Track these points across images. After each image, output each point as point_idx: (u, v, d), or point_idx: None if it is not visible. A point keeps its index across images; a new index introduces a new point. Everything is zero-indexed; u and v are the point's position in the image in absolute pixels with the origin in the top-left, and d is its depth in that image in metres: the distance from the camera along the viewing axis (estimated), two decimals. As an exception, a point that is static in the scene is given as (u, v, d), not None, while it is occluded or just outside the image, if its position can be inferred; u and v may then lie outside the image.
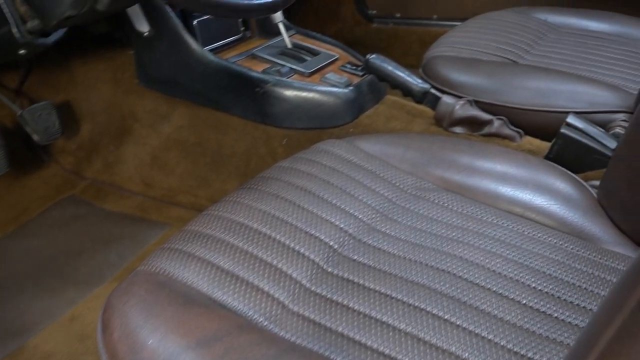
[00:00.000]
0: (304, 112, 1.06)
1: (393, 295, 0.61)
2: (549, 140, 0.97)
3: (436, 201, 0.77)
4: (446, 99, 1.00)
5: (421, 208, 0.76)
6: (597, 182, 0.82)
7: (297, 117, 1.07)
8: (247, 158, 1.16)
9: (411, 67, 1.87)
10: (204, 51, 1.11)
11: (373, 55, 1.04)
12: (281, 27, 1.18)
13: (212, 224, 0.71)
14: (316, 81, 1.10)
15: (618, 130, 0.92)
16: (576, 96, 0.98)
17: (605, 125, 0.95)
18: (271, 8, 0.67)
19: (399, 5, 1.82)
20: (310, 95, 1.06)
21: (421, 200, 0.77)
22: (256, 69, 1.12)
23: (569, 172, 0.81)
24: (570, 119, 0.92)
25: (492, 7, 1.63)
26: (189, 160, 1.23)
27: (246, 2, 0.64)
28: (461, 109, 0.99)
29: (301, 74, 1.12)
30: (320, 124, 1.07)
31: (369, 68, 1.04)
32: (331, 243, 0.69)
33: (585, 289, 0.63)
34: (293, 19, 2.08)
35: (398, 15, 1.83)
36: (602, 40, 1.21)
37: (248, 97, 1.09)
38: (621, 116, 0.94)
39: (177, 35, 1.10)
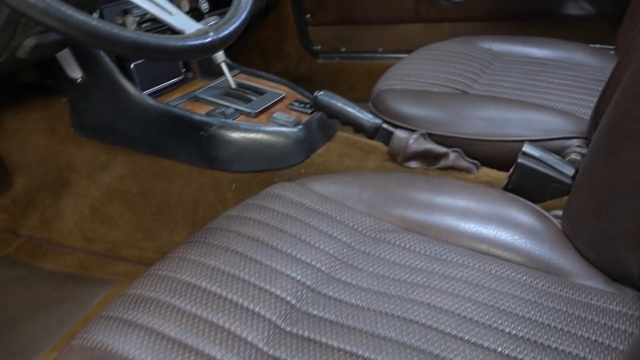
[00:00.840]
0: (253, 154, 1.01)
1: (359, 353, 0.56)
2: (506, 170, 0.95)
3: (397, 243, 0.73)
4: (399, 133, 0.97)
5: (382, 251, 0.71)
6: (559, 212, 0.80)
7: (245, 160, 1.02)
8: (195, 206, 1.09)
9: (360, 101, 1.87)
10: (143, 96, 1.05)
11: (321, 92, 1.00)
12: (224, 67, 1.13)
13: (155, 285, 0.64)
14: (263, 121, 1.06)
15: (574, 156, 0.91)
16: (529, 124, 0.97)
17: (560, 152, 0.93)
18: (208, 49, 0.62)
19: (344, 39, 1.81)
20: (258, 136, 1.01)
21: (382, 243, 0.73)
22: (199, 112, 1.06)
23: (531, 204, 0.79)
24: (526, 148, 0.90)
25: (436, 38, 1.64)
26: (132, 211, 1.15)
27: (179, 43, 0.59)
28: (415, 142, 0.96)
29: (247, 114, 1.07)
30: (270, 165, 1.02)
31: (317, 105, 1.00)
32: (288, 298, 0.63)
33: (561, 329, 0.59)
34: (237, 58, 2.04)
35: (343, 49, 1.82)
36: (547, 66, 1.21)
37: (192, 141, 1.03)
38: (575, 142, 0.93)
39: (113, 80, 1.04)
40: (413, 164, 0.97)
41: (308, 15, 1.82)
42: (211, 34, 0.63)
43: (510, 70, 1.20)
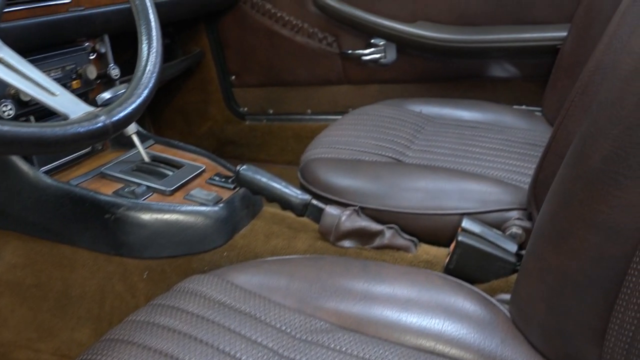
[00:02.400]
0: (167, 237, 0.89)
1: None
2: (446, 245, 0.89)
3: (331, 345, 0.63)
4: (330, 209, 0.89)
5: (314, 357, 0.61)
6: (506, 297, 0.73)
7: (159, 245, 0.90)
8: (101, 298, 0.95)
9: (290, 164, 1.80)
10: (39, 174, 0.92)
11: (244, 166, 0.91)
12: (135, 139, 1.02)
13: None
14: (179, 200, 0.94)
15: (515, 230, 0.86)
16: (466, 195, 0.91)
17: (500, 225, 0.88)
18: (99, 135, 0.52)
19: (271, 101, 1.74)
20: (173, 217, 0.89)
21: (313, 347, 0.63)
22: (105, 191, 0.93)
23: (477, 289, 0.71)
24: (466, 224, 0.84)
25: (366, 99, 1.61)
26: (26, 305, 0.99)
27: (60, 130, 0.48)
28: (348, 220, 0.87)
29: (161, 192, 0.95)
30: (187, 249, 0.90)
31: (240, 181, 0.91)
32: None
33: None
34: (158, 121, 1.93)
35: (271, 111, 1.75)
36: (478, 129, 1.18)
37: (97, 225, 0.90)
38: (515, 214, 0.88)
39: (3, 157, 0.90)
40: (347, 243, 0.89)
41: (233, 77, 1.75)
42: (102, 117, 0.52)
43: (443, 135, 1.16)
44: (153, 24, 0.64)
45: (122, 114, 0.54)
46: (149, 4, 0.65)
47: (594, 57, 0.75)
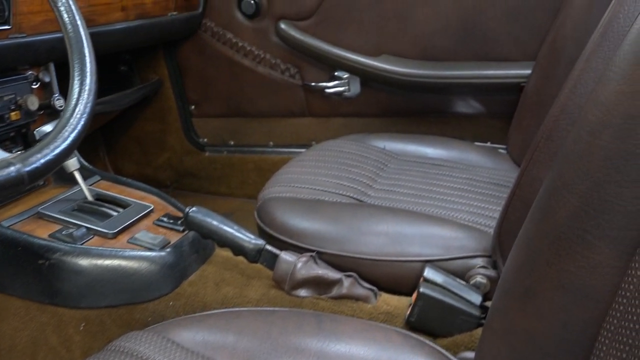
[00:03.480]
0: (107, 285, 0.82)
1: None
2: (407, 294, 0.84)
3: (280, 415, 0.56)
4: (285, 256, 0.83)
5: None
6: (470, 355, 0.68)
7: (98, 293, 0.82)
8: (33, 351, 0.87)
9: (250, 197, 1.73)
10: (-33, 214, 0.84)
11: (193, 209, 0.85)
12: (77, 176, 0.95)
13: None
14: (123, 244, 0.87)
15: (479, 279, 0.81)
16: (430, 240, 0.87)
17: (464, 274, 0.83)
18: (10, 186, 0.45)
19: (232, 132, 1.68)
20: (115, 263, 0.82)
21: (260, 418, 0.56)
22: (41, 234, 0.86)
23: (439, 349, 0.66)
24: (428, 273, 0.79)
25: (329, 132, 1.57)
26: (-50, 359, 0.90)
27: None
28: (304, 267, 0.82)
29: (103, 235, 0.88)
30: (130, 298, 0.83)
31: (188, 224, 0.84)
32: None
33: None
34: (114, 151, 1.85)
35: (232, 143, 1.69)
36: (442, 167, 1.15)
37: (30, 271, 0.82)
38: (479, 261, 0.84)
39: None
40: (302, 292, 0.83)
41: (192, 107, 1.69)
42: (16, 166, 0.46)
43: (406, 173, 1.12)
44: (87, 58, 0.58)
45: (40, 162, 0.47)
46: (84, 36, 0.60)
47: (558, 101, 0.72)
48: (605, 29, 0.65)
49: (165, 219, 0.94)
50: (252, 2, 1.44)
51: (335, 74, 1.47)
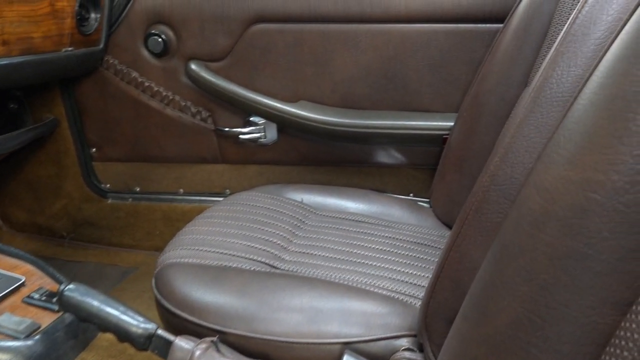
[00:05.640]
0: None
1: None
2: (324, 382, 0.73)
3: None
4: (180, 342, 0.70)
5: None
6: None
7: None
8: None
9: (158, 250, 1.57)
10: None
11: (70, 286, 0.71)
12: None
13: None
14: (-22, 332, 0.71)
15: (404, 364, 0.72)
16: (350, 318, 0.77)
17: (387, 357, 0.74)
18: None
19: (138, 178, 1.54)
20: (-36, 359, 0.67)
21: None
22: None
23: None
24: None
25: (244, 181, 1.46)
26: None
27: None
28: (203, 356, 0.69)
29: (-48, 322, 0.72)
30: (-17, 402, 0.67)
31: (63, 305, 0.70)
32: None
33: None
34: (2, 198, 1.64)
35: (137, 189, 1.54)
36: (363, 224, 1.07)
37: None
38: (404, 342, 0.75)
39: None
40: (201, 386, 0.70)
41: (93, 150, 1.53)
42: None
43: (325, 232, 1.03)
44: None
45: None
46: None
47: (487, 169, 0.65)
48: (537, 93, 0.59)
49: (37, 296, 0.78)
50: (160, 39, 1.33)
51: (251, 119, 1.37)
